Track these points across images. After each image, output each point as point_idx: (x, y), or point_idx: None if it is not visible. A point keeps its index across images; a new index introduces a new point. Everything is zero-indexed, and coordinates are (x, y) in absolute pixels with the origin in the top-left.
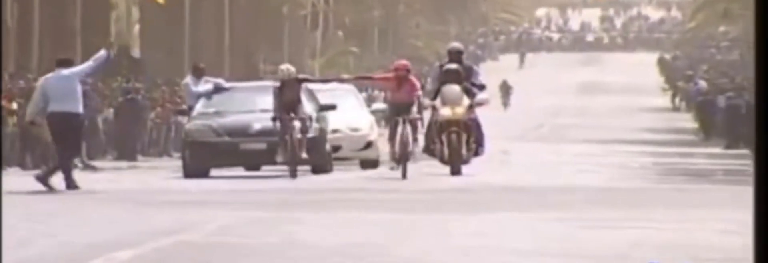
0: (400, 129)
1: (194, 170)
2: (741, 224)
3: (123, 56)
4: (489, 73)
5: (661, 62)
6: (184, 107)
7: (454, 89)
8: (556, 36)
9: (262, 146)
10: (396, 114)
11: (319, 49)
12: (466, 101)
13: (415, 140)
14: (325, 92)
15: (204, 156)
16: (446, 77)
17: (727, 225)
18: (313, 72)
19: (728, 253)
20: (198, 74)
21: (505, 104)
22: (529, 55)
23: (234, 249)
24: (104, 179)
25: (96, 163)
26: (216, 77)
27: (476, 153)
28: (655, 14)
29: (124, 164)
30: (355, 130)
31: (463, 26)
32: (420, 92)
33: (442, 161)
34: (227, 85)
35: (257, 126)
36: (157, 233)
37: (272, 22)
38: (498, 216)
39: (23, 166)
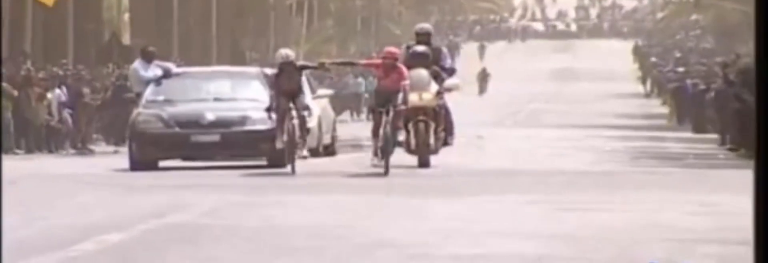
0: (384, 121)
1: (141, 163)
2: (711, 205)
3: (114, 43)
4: (468, 60)
5: (636, 50)
6: (131, 94)
7: (421, 73)
8: (533, 25)
9: (215, 138)
10: (381, 104)
11: (304, 36)
12: (434, 86)
13: (398, 130)
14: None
15: (151, 149)
16: (413, 61)
17: (696, 207)
18: (297, 59)
19: (698, 234)
20: (147, 57)
21: (482, 90)
22: (503, 44)
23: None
24: (100, 164)
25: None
26: (208, 65)
27: (445, 143)
28: (628, 3)
29: (113, 148)
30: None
31: (443, 15)
32: (407, 81)
33: (409, 151)
34: (178, 70)
35: (210, 116)
36: (146, 215)
37: (258, 11)
38: (475, 200)
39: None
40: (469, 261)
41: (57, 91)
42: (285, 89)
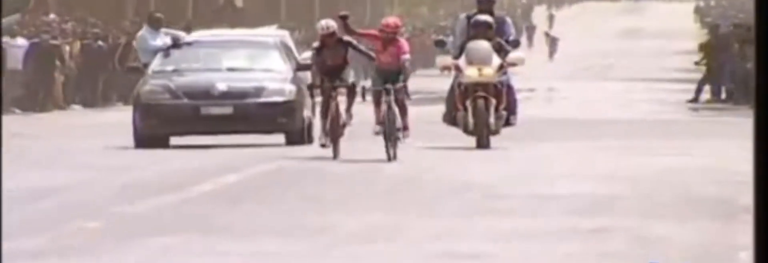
0: (383, 100)
1: (147, 137)
2: None
3: (228, 5)
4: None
5: (697, 10)
6: (136, 64)
7: (482, 45)
8: None
9: (228, 110)
10: (380, 82)
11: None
12: (496, 60)
13: (403, 114)
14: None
15: (157, 122)
16: (474, 32)
17: (748, 153)
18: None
19: (749, 177)
20: (155, 25)
21: (552, 53)
22: (576, 7)
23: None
24: None
25: None
26: (310, 29)
27: (508, 122)
28: None
29: None
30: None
31: None
32: (408, 56)
33: (466, 131)
34: (188, 38)
35: (222, 87)
36: (260, 160)
37: None
38: (549, 146)
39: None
40: (545, 200)
41: None
42: (328, 65)
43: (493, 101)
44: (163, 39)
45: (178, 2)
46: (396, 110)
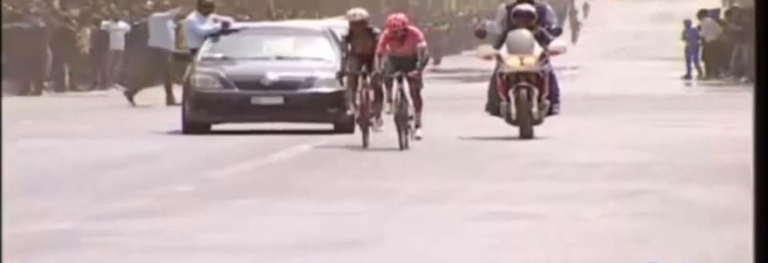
0: (395, 87)
1: (195, 125)
2: None
3: None
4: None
5: None
6: (183, 51)
7: (523, 34)
8: None
9: (278, 100)
10: (393, 69)
11: None
12: (538, 49)
13: (418, 107)
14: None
15: (207, 111)
16: (516, 21)
17: None
18: (449, 7)
19: None
20: (205, 10)
21: (574, 38)
22: None
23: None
24: None
25: None
26: (377, 12)
27: (551, 112)
28: None
29: None
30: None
31: None
32: (423, 43)
33: (509, 121)
34: (236, 25)
35: (273, 76)
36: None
37: None
38: (587, 118)
39: None
40: (586, 167)
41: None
42: (357, 52)
43: (536, 91)
44: (211, 24)
45: None
46: (409, 99)
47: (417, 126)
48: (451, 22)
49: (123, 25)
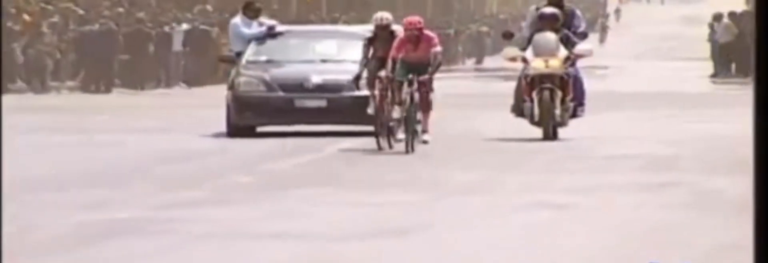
0: (405, 91)
1: (240, 128)
2: None
3: None
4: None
5: (748, 1)
6: (228, 54)
7: (548, 37)
8: None
9: (322, 103)
10: (404, 73)
11: None
12: (563, 52)
13: (426, 112)
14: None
15: (251, 114)
16: (541, 23)
17: None
18: (491, 9)
19: None
20: (251, 14)
21: (602, 40)
22: None
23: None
24: None
25: None
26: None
27: (575, 114)
28: None
29: None
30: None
31: None
32: (439, 48)
33: (532, 122)
34: (281, 28)
35: (316, 80)
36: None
37: None
38: (618, 115)
39: None
40: (619, 159)
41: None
42: (378, 56)
43: (560, 93)
44: (257, 28)
45: None
46: (418, 104)
47: (424, 131)
48: (493, 24)
49: (186, 27)
